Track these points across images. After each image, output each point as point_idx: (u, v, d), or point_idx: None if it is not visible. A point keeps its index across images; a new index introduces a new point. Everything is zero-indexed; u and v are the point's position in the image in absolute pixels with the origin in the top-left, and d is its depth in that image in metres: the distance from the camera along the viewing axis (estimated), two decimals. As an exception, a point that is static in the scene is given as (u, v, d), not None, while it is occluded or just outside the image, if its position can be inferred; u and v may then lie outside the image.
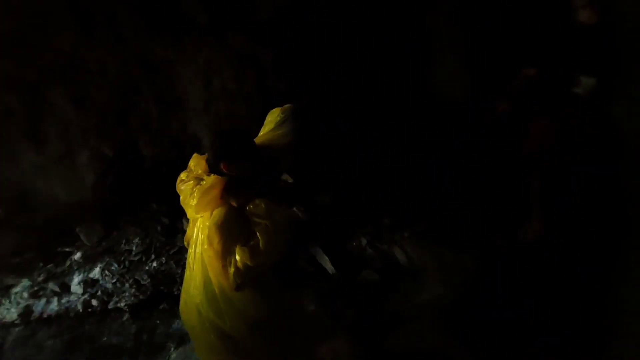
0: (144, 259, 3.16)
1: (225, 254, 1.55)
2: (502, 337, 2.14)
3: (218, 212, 1.54)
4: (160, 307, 3.00)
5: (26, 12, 2.52)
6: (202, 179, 1.59)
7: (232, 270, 1.53)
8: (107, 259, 3.14)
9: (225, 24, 2.83)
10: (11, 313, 2.95)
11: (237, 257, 1.51)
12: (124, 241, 3.22)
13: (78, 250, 3.16)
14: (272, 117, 1.85)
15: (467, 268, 2.55)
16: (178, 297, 3.00)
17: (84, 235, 3.20)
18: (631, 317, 1.92)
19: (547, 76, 2.51)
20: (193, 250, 1.68)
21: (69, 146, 2.99)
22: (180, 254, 3.17)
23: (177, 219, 3.28)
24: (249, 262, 1.50)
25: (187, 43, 2.85)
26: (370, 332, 2.37)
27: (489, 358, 2.10)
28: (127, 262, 3.11)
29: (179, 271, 3.10)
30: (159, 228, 3.27)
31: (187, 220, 3.23)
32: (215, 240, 1.54)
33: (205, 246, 1.56)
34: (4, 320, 2.92)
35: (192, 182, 1.62)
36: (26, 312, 2.95)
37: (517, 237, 2.56)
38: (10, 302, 3.01)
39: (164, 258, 3.14)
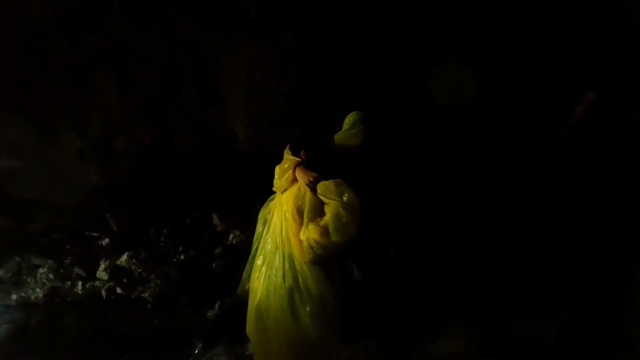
0: (172, 250, 3.11)
1: (302, 229, 1.79)
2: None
3: (299, 192, 1.81)
4: (184, 300, 2.95)
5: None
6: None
7: (305, 244, 1.76)
8: (135, 248, 3.10)
9: (276, 21, 2.81)
10: (37, 293, 2.93)
11: (309, 234, 1.73)
12: (152, 231, 3.18)
13: (107, 236, 3.13)
14: (349, 120, 1.97)
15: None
16: (203, 291, 2.99)
17: (113, 222, 3.18)
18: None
19: (607, 100, 2.44)
20: (278, 222, 1.91)
21: (108, 130, 2.98)
22: (209, 249, 3.12)
23: (208, 213, 3.23)
24: (318, 239, 1.71)
25: (236, 37, 2.83)
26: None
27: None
28: (155, 252, 3.07)
29: (208, 266, 3.05)
30: (188, 221, 3.23)
31: (218, 214, 3.19)
32: (296, 216, 1.80)
33: (289, 221, 1.81)
34: (29, 300, 2.90)
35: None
36: (51, 294, 2.93)
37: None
38: (36, 282, 2.99)
39: (192, 251, 3.09)
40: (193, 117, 3.13)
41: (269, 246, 1.98)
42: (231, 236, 3.16)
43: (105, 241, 3.12)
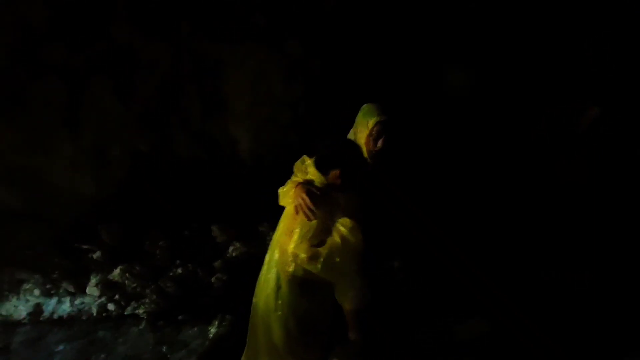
0: (169, 264, 2.96)
1: (301, 239, 1.57)
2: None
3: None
4: (181, 317, 2.79)
5: (83, -4, 2.46)
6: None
7: (290, 257, 1.57)
8: (129, 261, 2.93)
9: (283, 30, 2.79)
10: (19, 311, 2.72)
11: (297, 249, 1.55)
12: (148, 243, 3.03)
13: (98, 249, 2.96)
14: (365, 119, 1.81)
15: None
16: (202, 308, 2.84)
17: (106, 234, 3.01)
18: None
19: (611, 115, 2.49)
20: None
21: (103, 138, 2.86)
22: (209, 262, 2.98)
23: (207, 224, 3.11)
24: (305, 260, 1.53)
25: (241, 45, 2.79)
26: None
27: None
28: (150, 266, 2.91)
29: (206, 280, 2.91)
30: (187, 233, 3.09)
31: (218, 225, 3.07)
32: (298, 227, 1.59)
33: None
34: (10, 318, 2.68)
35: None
36: (36, 311, 2.72)
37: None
38: (18, 298, 2.78)
39: (190, 265, 2.94)
40: (195, 125, 3.05)
41: (267, 260, 1.85)
42: (231, 249, 3.04)
43: (97, 254, 2.94)
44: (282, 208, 3.31)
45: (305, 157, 1.74)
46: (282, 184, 3.36)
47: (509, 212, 2.54)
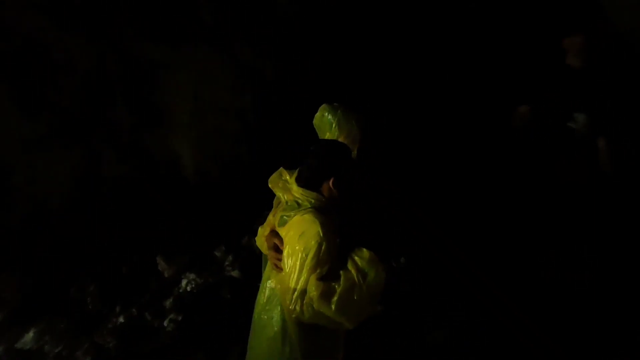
0: (105, 312, 2.38)
1: (299, 275, 1.25)
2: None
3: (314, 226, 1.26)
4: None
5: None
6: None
7: (295, 296, 1.25)
8: (48, 318, 2.27)
9: (231, 32, 2.54)
10: None
11: (308, 288, 1.23)
12: (73, 290, 2.40)
13: (-2, 310, 2.23)
14: (326, 119, 1.64)
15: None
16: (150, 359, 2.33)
17: (5, 288, 2.30)
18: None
19: (541, 113, 2.71)
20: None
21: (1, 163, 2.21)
22: (157, 302, 2.48)
23: (150, 256, 2.61)
24: (313, 300, 1.21)
25: (183, 45, 2.45)
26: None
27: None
28: (80, 319, 2.30)
29: (157, 325, 2.41)
30: (124, 270, 2.54)
31: (164, 256, 2.61)
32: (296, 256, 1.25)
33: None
34: None
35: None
36: None
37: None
38: None
39: (134, 309, 2.41)
40: (125, 139, 2.56)
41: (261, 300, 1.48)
42: (184, 282, 2.59)
43: (-5, 317, 2.22)
44: (241, 228, 2.97)
45: (282, 170, 1.47)
46: (232, 201, 3.02)
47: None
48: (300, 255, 1.26)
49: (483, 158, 2.72)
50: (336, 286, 1.22)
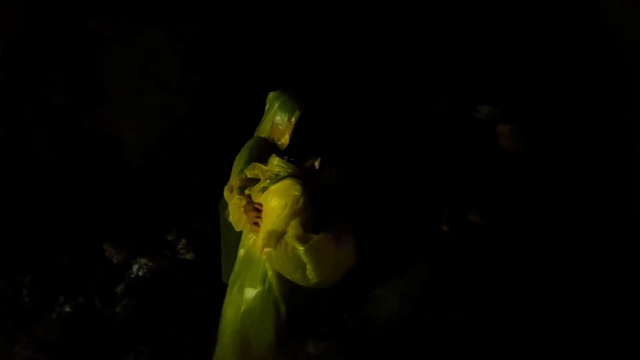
0: (45, 304, 2.19)
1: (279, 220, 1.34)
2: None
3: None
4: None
5: None
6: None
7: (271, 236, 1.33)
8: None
9: (180, 6, 2.46)
10: None
11: (288, 228, 1.30)
12: (3, 284, 2.16)
13: None
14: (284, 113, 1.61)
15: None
16: (102, 348, 2.21)
17: None
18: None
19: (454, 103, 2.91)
20: None
21: None
22: (107, 289, 2.35)
23: (97, 242, 2.45)
24: (288, 237, 1.29)
25: (127, 20, 2.31)
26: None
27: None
28: (17, 313, 2.09)
29: (108, 311, 2.29)
30: (65, 259, 2.35)
31: (111, 242, 2.48)
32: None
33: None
34: None
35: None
36: None
37: None
38: None
39: (81, 298, 2.26)
40: (60, 117, 2.35)
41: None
42: (135, 267, 2.49)
43: None
44: (193, 212, 2.88)
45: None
46: (182, 184, 2.96)
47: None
48: (281, 206, 1.33)
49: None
50: (313, 235, 1.29)
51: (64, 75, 2.28)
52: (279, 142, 1.60)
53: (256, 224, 1.40)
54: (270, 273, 1.43)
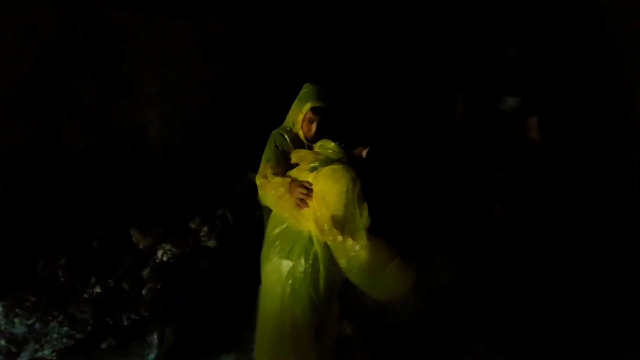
0: (78, 285, 2.35)
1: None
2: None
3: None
4: (105, 345, 2.29)
5: None
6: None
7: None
8: (15, 294, 2.20)
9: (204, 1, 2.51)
10: None
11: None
12: (41, 265, 2.33)
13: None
14: (300, 103, 1.71)
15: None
16: (129, 328, 2.36)
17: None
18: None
19: (474, 96, 2.92)
20: None
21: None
22: (134, 272, 2.50)
23: (123, 230, 2.59)
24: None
25: (153, 14, 2.39)
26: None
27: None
28: (52, 292, 2.26)
29: (135, 293, 2.44)
30: (95, 244, 2.50)
31: (138, 228, 2.61)
32: None
33: None
34: None
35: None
36: None
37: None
38: None
39: (111, 280, 2.41)
40: (89, 111, 2.48)
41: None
42: (160, 252, 2.62)
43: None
44: (214, 200, 2.97)
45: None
46: (203, 176, 3.00)
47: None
48: (341, 191, 1.43)
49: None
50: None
51: (96, 68, 2.39)
52: (298, 133, 1.70)
53: (302, 200, 1.49)
54: (319, 252, 1.52)
